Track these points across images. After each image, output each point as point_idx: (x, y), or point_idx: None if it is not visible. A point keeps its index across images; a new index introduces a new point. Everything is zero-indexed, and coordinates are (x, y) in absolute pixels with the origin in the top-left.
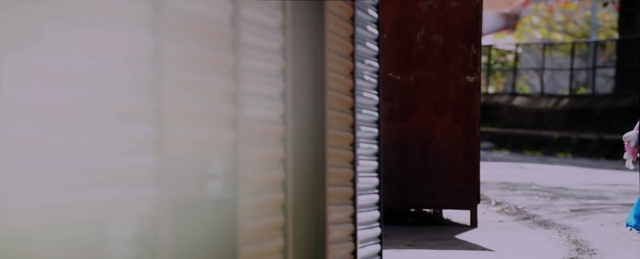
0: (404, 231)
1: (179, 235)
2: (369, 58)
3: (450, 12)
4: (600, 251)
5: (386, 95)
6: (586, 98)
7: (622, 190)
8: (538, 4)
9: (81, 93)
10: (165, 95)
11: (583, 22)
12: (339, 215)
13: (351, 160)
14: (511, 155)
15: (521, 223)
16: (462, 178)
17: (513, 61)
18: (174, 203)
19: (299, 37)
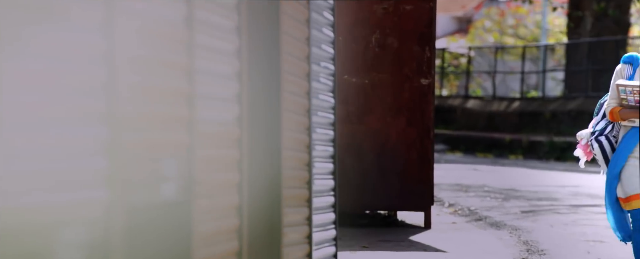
0: (359, 233)
1: (131, 238)
2: (325, 60)
3: (404, 16)
4: (549, 252)
5: (342, 98)
6: (536, 101)
7: (571, 191)
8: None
9: (32, 95)
10: (118, 97)
11: (533, 26)
12: (294, 217)
13: (307, 163)
14: (464, 157)
15: (474, 224)
16: (416, 180)
17: (466, 64)
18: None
19: (254, 39)
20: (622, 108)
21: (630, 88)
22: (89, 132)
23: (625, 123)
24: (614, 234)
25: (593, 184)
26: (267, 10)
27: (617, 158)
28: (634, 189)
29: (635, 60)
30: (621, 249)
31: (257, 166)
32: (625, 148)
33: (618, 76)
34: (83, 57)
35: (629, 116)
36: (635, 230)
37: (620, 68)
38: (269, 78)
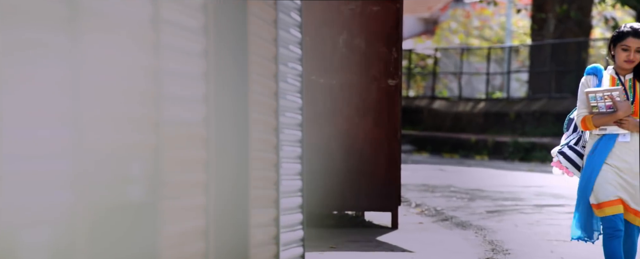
0: (327, 234)
1: (96, 240)
2: (292, 61)
3: (371, 17)
4: (514, 251)
5: (309, 99)
6: (501, 102)
7: (535, 191)
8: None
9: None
10: (82, 97)
11: (498, 27)
12: (262, 218)
13: (274, 163)
14: (431, 158)
15: (440, 225)
16: (383, 181)
17: (432, 65)
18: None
19: (221, 39)
20: (594, 115)
21: (600, 93)
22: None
23: (596, 132)
24: None
25: (557, 184)
26: (234, 10)
27: (593, 164)
28: (606, 196)
29: (599, 71)
30: (584, 248)
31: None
32: (601, 154)
33: (584, 88)
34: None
35: (601, 122)
36: (606, 237)
37: (586, 80)
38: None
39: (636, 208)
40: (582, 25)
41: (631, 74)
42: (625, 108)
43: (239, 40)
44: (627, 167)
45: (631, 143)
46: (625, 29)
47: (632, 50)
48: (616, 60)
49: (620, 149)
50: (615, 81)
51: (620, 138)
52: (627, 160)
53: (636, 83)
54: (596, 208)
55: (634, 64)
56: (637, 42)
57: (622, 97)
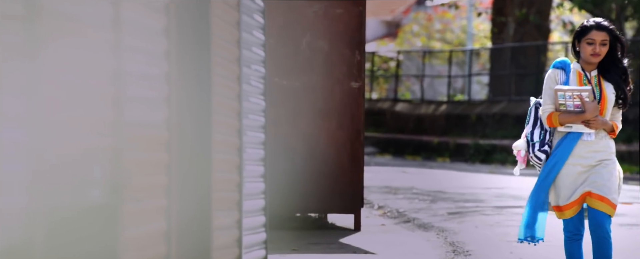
0: (289, 236)
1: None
2: (256, 63)
3: (335, 19)
4: (474, 252)
5: (273, 100)
6: (463, 104)
7: (495, 193)
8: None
9: None
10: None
11: (459, 31)
12: (224, 221)
13: (237, 166)
14: (393, 160)
15: (402, 226)
16: (346, 183)
17: (395, 68)
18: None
19: (184, 40)
20: (561, 113)
21: (570, 92)
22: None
23: (562, 129)
24: None
25: (516, 185)
26: (196, 12)
27: (554, 164)
28: (565, 200)
29: (567, 65)
30: (543, 248)
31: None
32: (563, 153)
33: (551, 81)
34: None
35: (568, 121)
36: (567, 239)
37: (554, 74)
38: (199, 80)
39: (602, 194)
40: (541, 29)
41: (596, 70)
42: (593, 109)
43: (202, 42)
44: (591, 162)
45: (595, 141)
46: (588, 24)
47: (597, 43)
48: (582, 55)
49: (583, 148)
50: (582, 76)
51: (585, 137)
52: (590, 157)
53: (601, 80)
54: (556, 210)
55: (599, 58)
56: (601, 34)
57: (591, 98)
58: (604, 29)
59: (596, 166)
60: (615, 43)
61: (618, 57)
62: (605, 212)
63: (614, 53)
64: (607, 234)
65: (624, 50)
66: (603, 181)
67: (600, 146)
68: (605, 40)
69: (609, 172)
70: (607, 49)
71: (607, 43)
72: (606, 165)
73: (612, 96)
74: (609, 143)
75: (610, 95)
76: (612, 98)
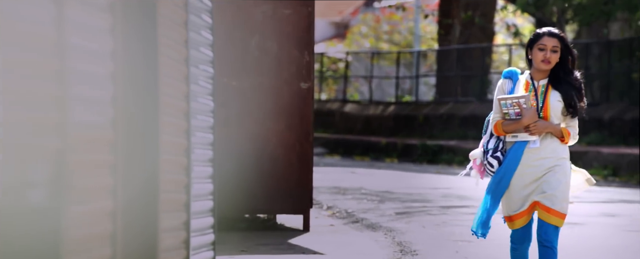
0: (238, 237)
1: None
2: (204, 63)
3: (283, 20)
4: (421, 252)
5: (221, 101)
6: (410, 105)
7: (442, 193)
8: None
9: None
10: None
11: (407, 32)
12: (171, 222)
13: (185, 166)
14: (342, 160)
15: (351, 227)
16: (295, 184)
17: (344, 69)
18: None
19: (130, 40)
20: (504, 121)
21: (510, 101)
22: None
23: (509, 139)
24: None
25: (462, 186)
26: (142, 11)
27: (503, 174)
28: (515, 210)
29: (515, 74)
30: (487, 248)
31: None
32: (512, 163)
33: (500, 91)
34: None
35: (511, 129)
36: (513, 249)
37: (501, 83)
38: (145, 80)
39: (549, 206)
40: (485, 31)
41: (546, 80)
42: (530, 115)
43: (149, 42)
44: (537, 171)
45: (541, 148)
46: (541, 30)
47: (548, 49)
48: (534, 62)
49: (531, 156)
50: (528, 85)
51: (531, 144)
52: (536, 165)
53: (549, 89)
54: (507, 220)
55: (550, 65)
56: (553, 41)
57: (529, 104)
58: (555, 36)
59: (544, 175)
60: (566, 55)
61: (569, 68)
62: (552, 224)
63: (565, 64)
64: (552, 245)
65: (574, 62)
66: (551, 191)
67: (547, 152)
68: (556, 47)
69: (558, 180)
70: (558, 56)
71: (558, 50)
72: (555, 172)
73: (558, 104)
74: (557, 148)
75: (555, 102)
76: (558, 106)
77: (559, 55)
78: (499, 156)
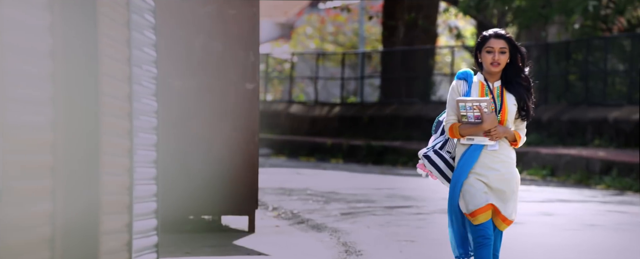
0: (182, 239)
1: None
2: (147, 63)
3: (228, 20)
4: (366, 252)
5: (165, 102)
6: (355, 106)
7: (386, 193)
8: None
9: None
10: None
11: (352, 33)
12: (113, 225)
13: (128, 168)
14: (288, 161)
15: (296, 227)
16: (240, 185)
17: (289, 70)
18: None
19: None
20: (461, 124)
21: (470, 103)
22: None
23: (463, 141)
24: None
25: (406, 186)
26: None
27: (459, 175)
28: (477, 204)
29: (469, 75)
30: (430, 247)
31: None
32: (466, 164)
33: (454, 92)
34: None
35: (468, 132)
36: (477, 245)
37: (456, 85)
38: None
39: (505, 215)
40: (428, 33)
41: (499, 81)
42: (491, 120)
43: (89, 41)
44: (497, 174)
45: (500, 151)
46: (487, 33)
47: (496, 51)
48: (484, 66)
49: (488, 158)
50: (484, 87)
51: (489, 147)
52: (496, 168)
53: (504, 91)
54: (470, 216)
55: (500, 67)
56: (500, 42)
57: (490, 108)
58: (501, 37)
59: (505, 184)
60: (515, 54)
61: (519, 67)
62: (499, 229)
63: (515, 63)
64: (491, 243)
65: (524, 60)
66: (511, 203)
67: (506, 156)
68: (503, 48)
69: (515, 193)
70: (506, 58)
71: (506, 51)
72: (515, 184)
73: (514, 107)
74: (511, 154)
75: (511, 106)
76: (514, 110)
77: (508, 56)
78: (430, 155)
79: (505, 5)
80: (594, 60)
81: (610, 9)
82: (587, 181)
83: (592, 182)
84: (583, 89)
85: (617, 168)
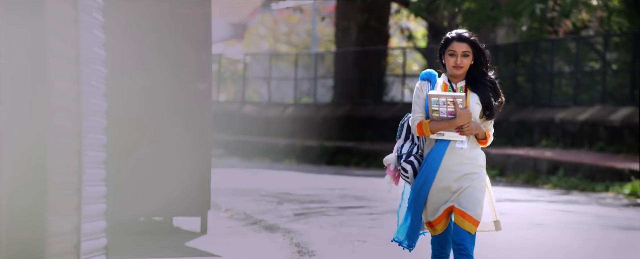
0: (133, 241)
1: None
2: (96, 63)
3: (180, 20)
4: (319, 252)
5: (116, 102)
6: (309, 107)
7: (339, 193)
8: (263, 15)
9: None
10: None
11: (305, 34)
12: (61, 227)
13: (76, 169)
14: (241, 162)
15: (249, 228)
16: (193, 185)
17: (242, 70)
18: None
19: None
20: (431, 120)
21: (443, 98)
22: None
23: (434, 136)
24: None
25: (359, 186)
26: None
27: (425, 174)
28: (434, 215)
29: (433, 76)
30: (382, 247)
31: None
32: (432, 167)
33: (419, 92)
34: None
35: (440, 128)
36: (434, 255)
37: (420, 85)
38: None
39: (464, 210)
40: (381, 34)
41: (463, 82)
42: (465, 116)
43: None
44: (456, 175)
45: (466, 150)
46: (450, 35)
47: (459, 54)
48: (447, 68)
49: (452, 159)
50: (447, 88)
51: (457, 144)
52: (457, 169)
53: (468, 91)
54: (428, 226)
55: (462, 69)
56: (462, 46)
57: (465, 105)
58: (464, 40)
59: (462, 180)
60: (479, 55)
61: (483, 70)
62: (466, 230)
63: (479, 66)
64: (467, 252)
65: (487, 61)
66: (467, 197)
67: (470, 157)
68: (467, 52)
69: (474, 187)
70: (469, 60)
71: (469, 54)
72: (472, 179)
73: (477, 106)
74: (479, 155)
75: (474, 105)
76: (477, 109)
77: (472, 58)
78: (412, 161)
79: (455, 8)
80: (541, 62)
81: (556, 12)
82: (535, 181)
83: (539, 182)
84: (531, 90)
85: (563, 168)
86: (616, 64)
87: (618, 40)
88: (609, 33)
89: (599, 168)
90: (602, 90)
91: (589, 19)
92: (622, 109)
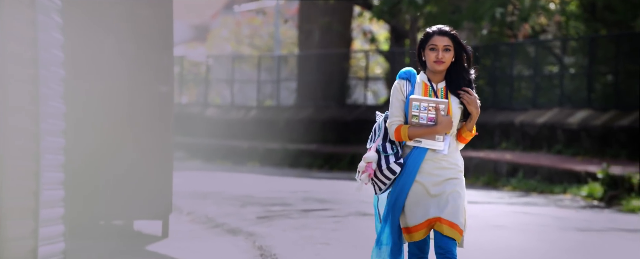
0: (92, 246)
1: None
2: (54, 65)
3: (140, 21)
4: (281, 256)
5: (75, 104)
6: (272, 109)
7: (302, 196)
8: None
9: None
10: None
11: (268, 36)
12: (17, 231)
13: (34, 172)
14: (203, 165)
15: (211, 232)
16: (154, 189)
17: (205, 72)
18: None
19: None
20: (410, 126)
21: (425, 103)
22: None
23: (411, 143)
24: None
25: (322, 189)
26: None
27: (403, 181)
28: (414, 221)
29: (413, 75)
30: (345, 249)
31: None
32: (411, 172)
33: (398, 92)
34: None
35: (418, 134)
36: None
37: (399, 85)
38: None
39: (452, 221)
40: (343, 37)
41: (443, 82)
42: (446, 123)
43: None
44: (438, 180)
45: (447, 156)
46: (430, 30)
47: (440, 49)
48: (427, 64)
49: (431, 164)
50: (427, 88)
51: (438, 151)
52: (438, 174)
53: (448, 93)
54: (405, 232)
55: (444, 65)
56: (444, 39)
57: (446, 112)
58: (445, 34)
59: (443, 186)
60: (460, 53)
61: (464, 68)
62: (452, 238)
63: (460, 63)
64: (452, 256)
65: (469, 59)
66: (452, 207)
67: (450, 162)
68: (448, 46)
69: (457, 193)
70: (451, 55)
71: (451, 49)
72: (454, 185)
73: (458, 110)
74: (459, 160)
75: (456, 109)
76: (458, 113)
77: (453, 54)
78: (402, 162)
79: (417, 11)
80: (501, 66)
81: (516, 16)
82: (495, 183)
83: (499, 184)
84: (491, 94)
85: (523, 170)
86: (573, 68)
87: (575, 44)
88: (566, 37)
89: (557, 171)
90: (560, 93)
91: (547, 23)
92: (579, 112)
